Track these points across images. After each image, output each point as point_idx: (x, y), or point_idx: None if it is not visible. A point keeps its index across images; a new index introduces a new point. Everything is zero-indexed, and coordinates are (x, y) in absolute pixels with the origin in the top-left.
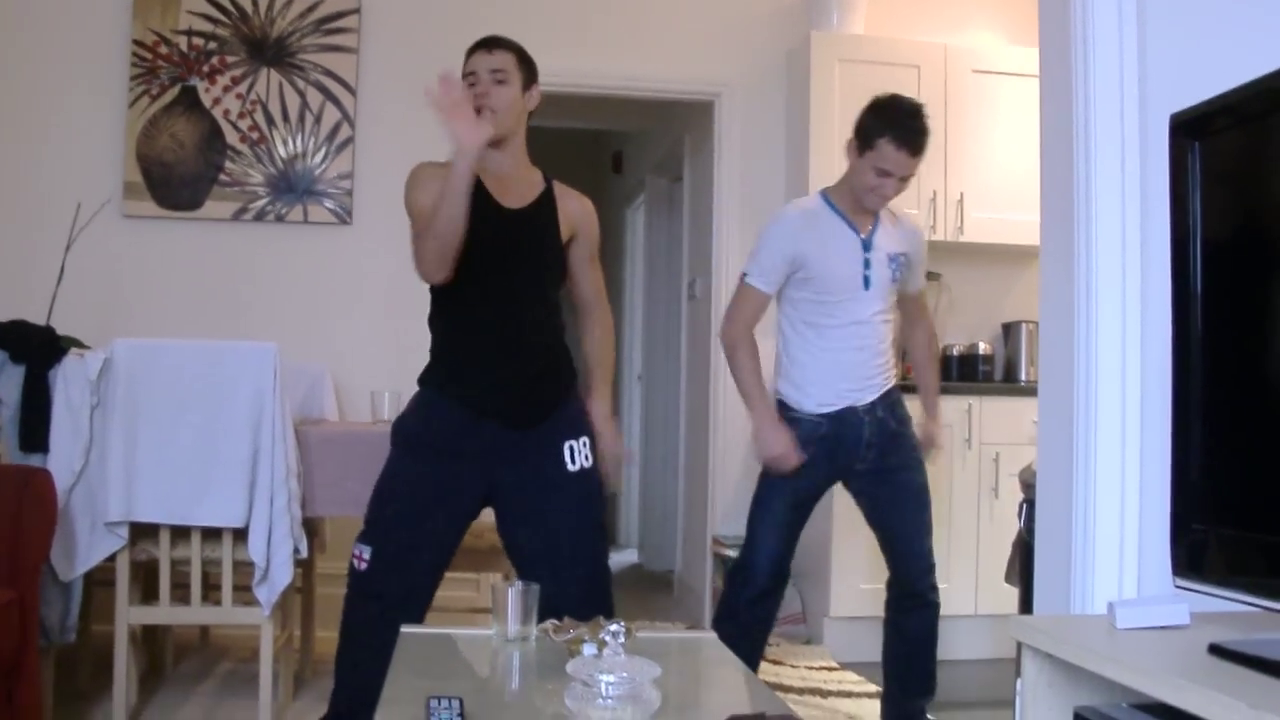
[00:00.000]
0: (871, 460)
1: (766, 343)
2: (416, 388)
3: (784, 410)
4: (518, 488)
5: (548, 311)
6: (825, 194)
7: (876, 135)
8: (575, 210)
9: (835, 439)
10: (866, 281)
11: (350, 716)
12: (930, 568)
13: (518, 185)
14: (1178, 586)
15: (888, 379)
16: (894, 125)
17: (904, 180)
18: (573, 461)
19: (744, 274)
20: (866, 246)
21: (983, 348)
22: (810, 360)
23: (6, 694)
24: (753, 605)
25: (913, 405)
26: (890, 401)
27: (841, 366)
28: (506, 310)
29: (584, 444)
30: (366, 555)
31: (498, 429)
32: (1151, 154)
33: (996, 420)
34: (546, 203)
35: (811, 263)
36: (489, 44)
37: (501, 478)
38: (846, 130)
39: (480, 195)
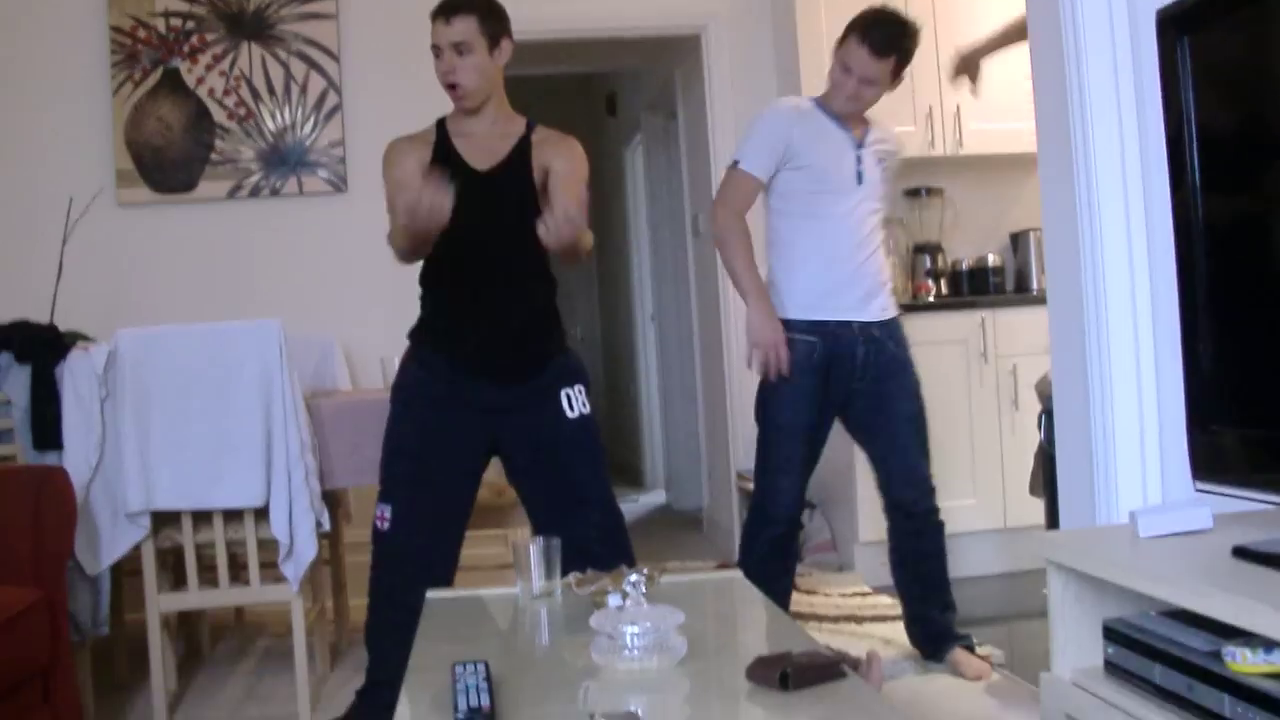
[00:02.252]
0: (869, 381)
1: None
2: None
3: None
4: (519, 439)
5: (532, 270)
6: (817, 99)
7: (847, 32)
8: (549, 152)
9: (829, 361)
10: (860, 176)
11: (385, 686)
12: (930, 490)
13: (493, 144)
14: (1198, 490)
15: (886, 302)
16: (862, 22)
17: (865, 83)
18: (571, 409)
19: (734, 161)
20: (859, 145)
21: (992, 259)
22: (802, 257)
23: (43, 692)
24: (775, 544)
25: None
26: (889, 326)
27: (837, 261)
28: (488, 272)
29: (580, 391)
30: (388, 514)
31: (489, 384)
32: (1143, 50)
33: (1011, 331)
34: (520, 157)
35: (804, 152)
36: (447, 12)
37: (503, 429)
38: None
39: (454, 161)
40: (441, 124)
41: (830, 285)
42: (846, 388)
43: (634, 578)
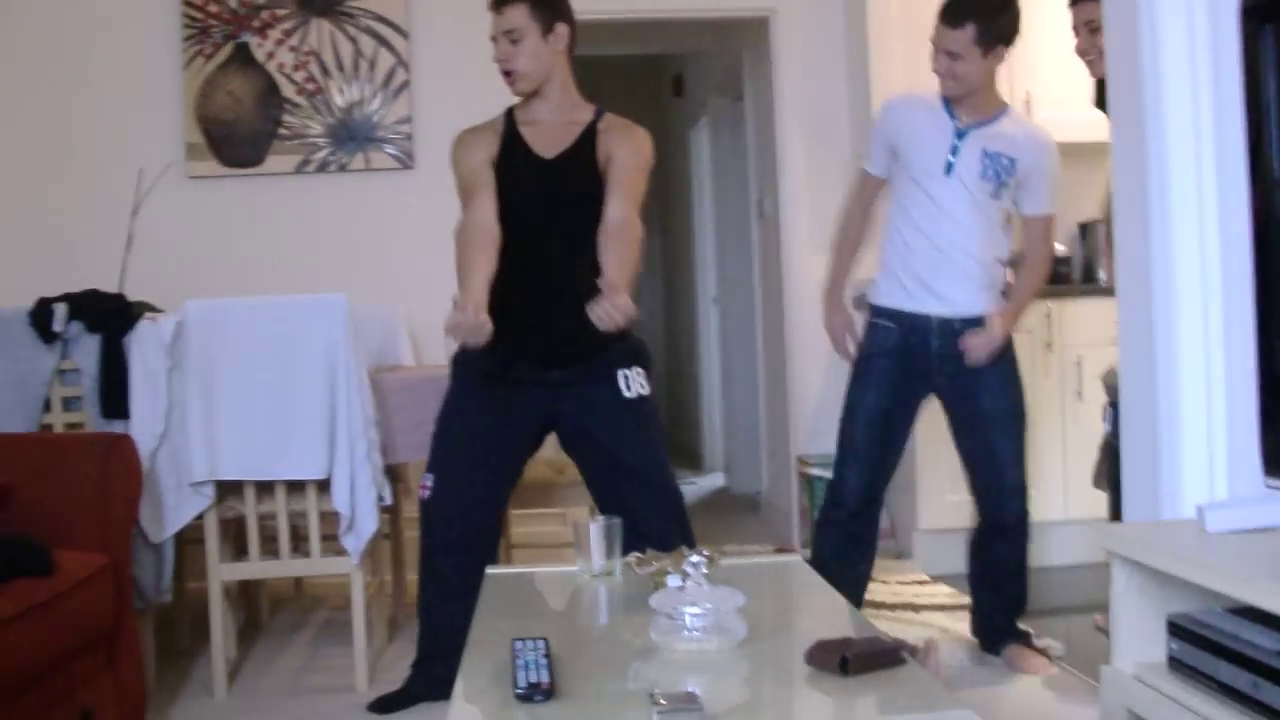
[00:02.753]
0: (948, 375)
1: None
2: None
3: (869, 313)
4: (574, 416)
5: (595, 257)
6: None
7: None
8: (614, 140)
9: (904, 348)
10: (949, 167)
11: (438, 658)
12: (1016, 493)
13: (559, 131)
14: (1269, 486)
15: (974, 298)
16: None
17: (950, 57)
18: (628, 388)
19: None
20: (959, 135)
21: (1060, 249)
22: (891, 246)
23: (107, 656)
24: (843, 524)
25: None
26: (975, 323)
27: (912, 252)
28: (552, 259)
29: (638, 373)
30: (430, 482)
31: (546, 365)
32: (1222, 38)
33: (1077, 322)
34: (585, 145)
35: (900, 142)
36: (499, 2)
37: (559, 408)
38: (906, 34)
39: (519, 147)
40: (510, 114)
41: (905, 275)
42: (928, 381)
43: (695, 559)
